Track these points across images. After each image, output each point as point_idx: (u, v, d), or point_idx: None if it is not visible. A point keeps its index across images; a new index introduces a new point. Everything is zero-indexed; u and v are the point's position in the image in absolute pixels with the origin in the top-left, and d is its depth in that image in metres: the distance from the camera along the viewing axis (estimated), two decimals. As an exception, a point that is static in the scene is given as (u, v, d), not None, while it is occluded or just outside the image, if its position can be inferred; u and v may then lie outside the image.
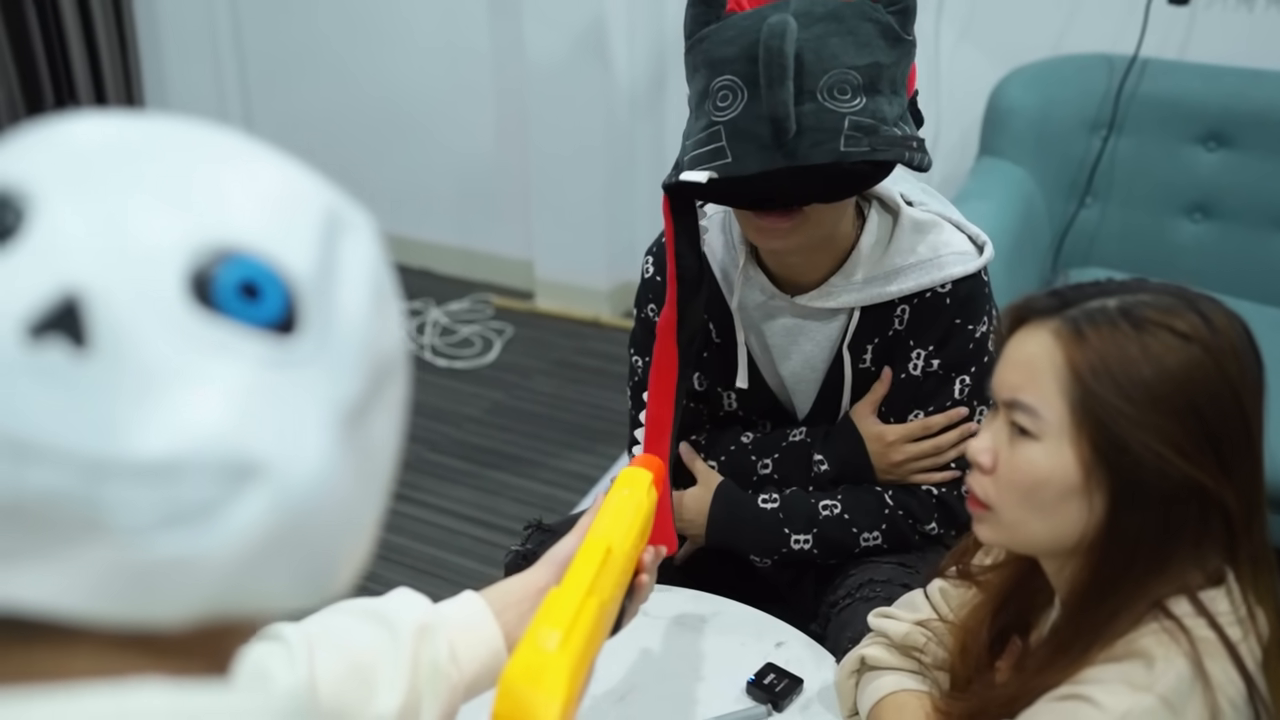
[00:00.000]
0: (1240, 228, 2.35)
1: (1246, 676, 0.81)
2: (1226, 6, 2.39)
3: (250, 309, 0.42)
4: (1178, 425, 0.80)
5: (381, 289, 0.47)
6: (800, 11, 1.07)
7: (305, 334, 0.43)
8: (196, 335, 0.40)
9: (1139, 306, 0.82)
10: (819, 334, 1.30)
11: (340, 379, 0.44)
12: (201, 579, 0.41)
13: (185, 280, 0.41)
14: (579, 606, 0.73)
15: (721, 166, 1.08)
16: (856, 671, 1.08)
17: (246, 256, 0.42)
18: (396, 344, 0.48)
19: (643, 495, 0.91)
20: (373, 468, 0.47)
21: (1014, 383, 0.85)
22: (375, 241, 0.48)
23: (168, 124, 0.46)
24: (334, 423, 0.43)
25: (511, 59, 3.13)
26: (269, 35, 3.47)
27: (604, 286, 3.20)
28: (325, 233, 0.45)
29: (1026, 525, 0.86)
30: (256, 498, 0.41)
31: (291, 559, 0.43)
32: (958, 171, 2.61)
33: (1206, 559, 0.83)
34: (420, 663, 0.82)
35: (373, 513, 0.48)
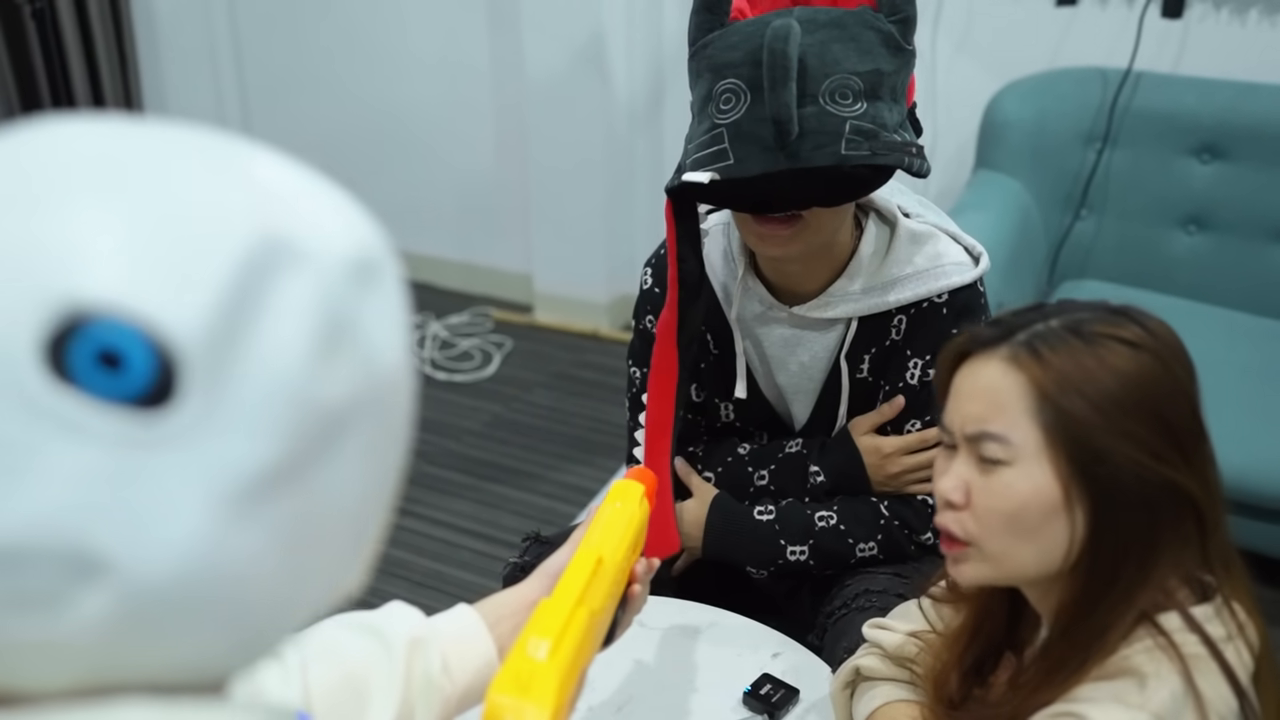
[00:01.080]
0: (1234, 239, 2.36)
1: (1239, 690, 0.81)
2: (1219, 20, 2.40)
3: (109, 382, 0.37)
4: (1145, 428, 0.82)
5: (335, 331, 0.41)
6: (804, 18, 1.09)
7: (184, 404, 0.38)
8: (46, 411, 0.37)
9: (1083, 323, 0.85)
10: (816, 344, 1.30)
11: (241, 445, 0.39)
12: (65, 658, 0.39)
13: (38, 349, 0.36)
14: (569, 617, 0.74)
15: (724, 168, 1.09)
16: (851, 682, 1.08)
17: (109, 319, 0.37)
18: (357, 391, 0.42)
19: (635, 507, 0.92)
20: (320, 525, 0.43)
21: (976, 415, 0.86)
22: (335, 275, 0.42)
23: (52, 135, 0.41)
24: (224, 497, 0.39)
25: (511, 74, 3.14)
26: (269, 51, 3.48)
27: (603, 300, 3.21)
28: (243, 275, 0.39)
29: (1013, 554, 0.86)
30: (100, 592, 0.38)
31: (181, 633, 0.40)
32: (954, 184, 2.62)
33: (1185, 562, 0.84)
34: (413, 675, 0.82)
35: (331, 564, 0.45)
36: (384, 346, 0.43)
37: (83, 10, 3.25)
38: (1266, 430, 1.99)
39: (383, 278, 0.44)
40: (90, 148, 0.40)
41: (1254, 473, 1.94)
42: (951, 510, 0.88)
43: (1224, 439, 2.04)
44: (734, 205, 1.18)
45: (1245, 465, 1.94)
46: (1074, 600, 0.86)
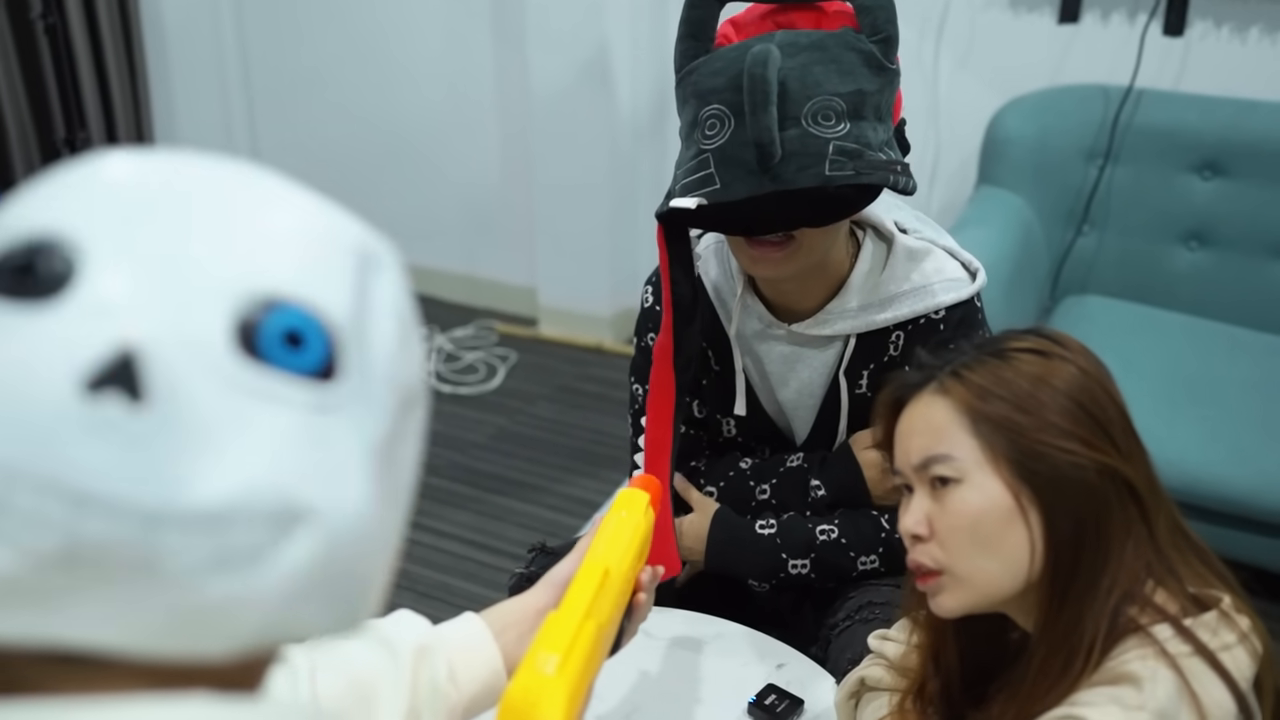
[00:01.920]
0: (1235, 255, 2.37)
1: (1238, 695, 0.83)
2: (1220, 38, 2.42)
3: (294, 357, 0.43)
4: (1071, 421, 0.88)
5: (405, 321, 0.49)
6: (784, 42, 1.10)
7: (344, 378, 0.44)
8: (245, 386, 0.42)
9: (995, 344, 0.93)
10: (815, 361, 1.32)
11: (373, 417, 0.45)
12: (249, 617, 0.42)
13: (232, 331, 0.42)
14: (577, 629, 0.75)
15: (710, 193, 1.10)
16: (856, 693, 1.10)
17: (289, 305, 0.43)
18: (418, 373, 0.50)
19: (640, 516, 0.93)
20: (398, 494, 0.49)
21: (920, 444, 0.92)
22: (400, 274, 0.49)
23: (194, 163, 0.46)
24: (370, 459, 0.45)
25: (516, 89, 3.17)
26: (276, 66, 3.51)
27: (606, 313, 3.22)
28: (358, 273, 0.46)
29: (982, 570, 0.90)
30: (303, 541, 0.42)
31: (331, 592, 0.44)
32: (956, 200, 2.64)
33: (1140, 543, 0.88)
34: (419, 683, 0.83)
35: (397, 537, 0.50)
36: (420, 338, 0.51)
37: (94, 24, 3.28)
38: (1269, 445, 2.00)
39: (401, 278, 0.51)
40: (245, 169, 0.47)
41: (1257, 488, 1.95)
42: (919, 544, 0.92)
43: (1226, 454, 2.07)
44: (723, 229, 1.20)
45: (1248, 480, 1.95)
46: (1047, 601, 0.89)
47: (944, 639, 1.00)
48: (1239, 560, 0.93)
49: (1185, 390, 2.12)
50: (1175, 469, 1.91)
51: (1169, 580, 0.88)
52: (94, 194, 0.44)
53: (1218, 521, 1.99)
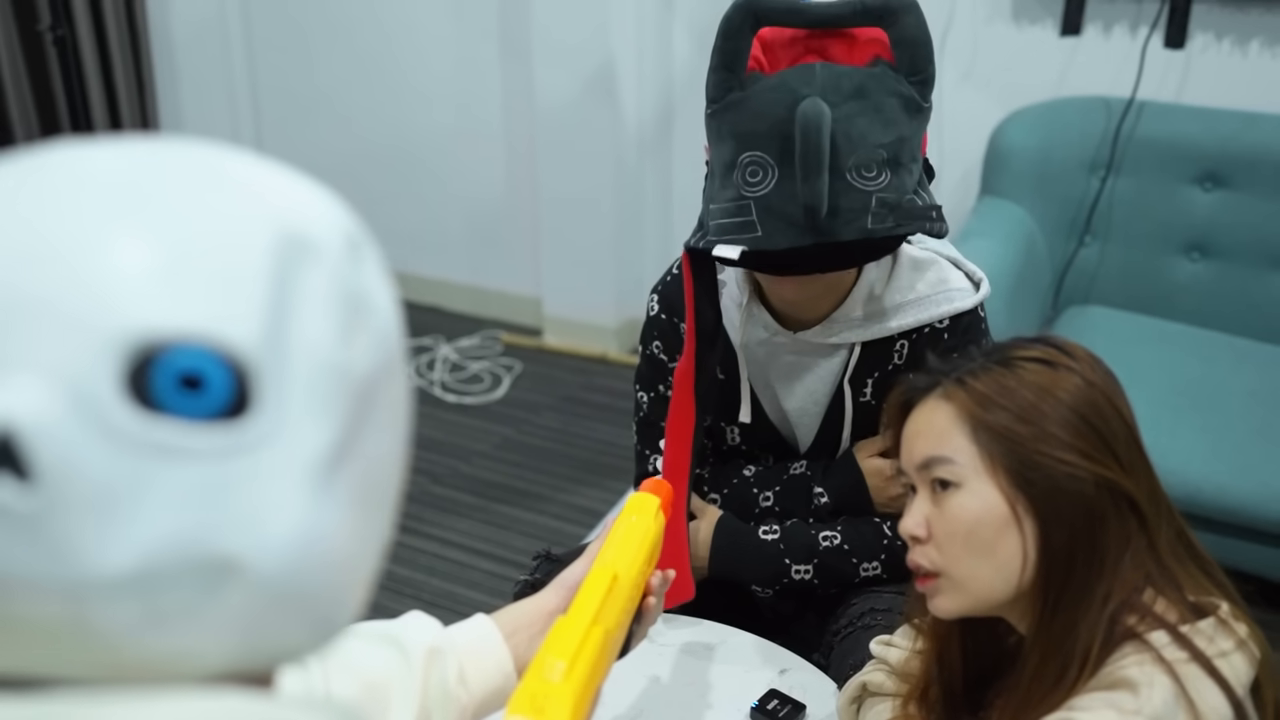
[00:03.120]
0: (1237, 267, 2.38)
1: (1234, 701, 0.83)
2: (1221, 50, 2.44)
3: (193, 402, 0.39)
4: (1071, 433, 0.88)
5: (351, 307, 0.44)
6: (827, 86, 1.09)
7: (260, 410, 0.41)
8: (141, 443, 0.39)
9: (1001, 352, 0.94)
10: (821, 369, 1.33)
11: (311, 432, 0.42)
12: (206, 659, 0.42)
13: (121, 385, 0.39)
14: (584, 635, 0.75)
15: (751, 240, 1.12)
16: (858, 698, 1.10)
17: (181, 345, 0.39)
18: (377, 356, 0.45)
19: (650, 520, 0.94)
20: (372, 486, 0.46)
21: (923, 446, 0.93)
22: (340, 256, 0.44)
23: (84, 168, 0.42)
24: (311, 479, 0.42)
25: (521, 101, 3.19)
26: (283, 77, 3.53)
27: (611, 323, 3.24)
28: (275, 279, 0.42)
29: (977, 574, 0.91)
30: (235, 589, 0.41)
31: (293, 617, 0.43)
32: (959, 211, 2.65)
33: (1138, 554, 0.88)
34: (430, 685, 0.84)
35: (382, 522, 0.48)
36: (384, 308, 0.46)
37: (102, 37, 3.31)
38: (1271, 456, 2.00)
39: (365, 245, 0.47)
40: (102, 175, 0.41)
41: (1259, 498, 1.96)
42: (918, 545, 0.94)
43: (1228, 464, 2.08)
44: (758, 269, 1.19)
45: (1250, 491, 1.96)
46: (1040, 606, 0.90)
47: (948, 642, 1.01)
48: (1241, 570, 0.94)
49: (1187, 401, 2.12)
50: (1177, 479, 1.92)
51: (1169, 590, 0.88)
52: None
53: (1220, 531, 2.00)
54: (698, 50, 2.97)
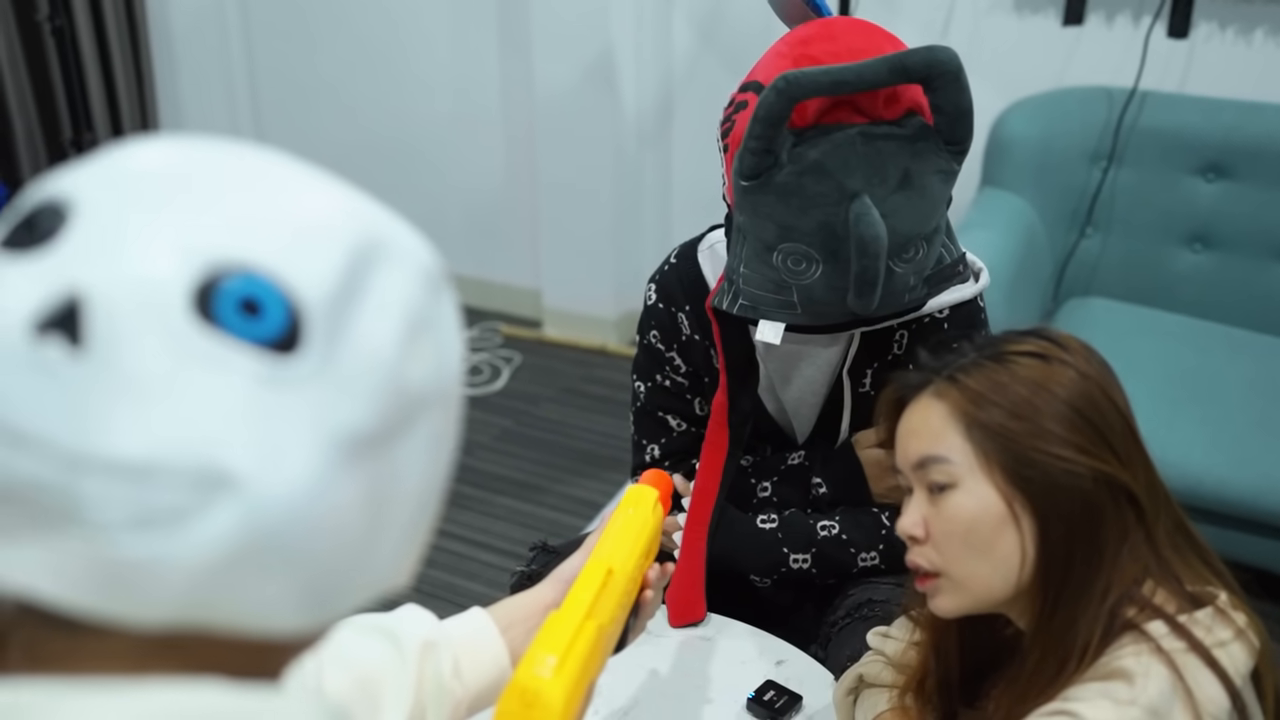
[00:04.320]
0: (1239, 258, 2.37)
1: (1232, 691, 0.83)
2: (1225, 40, 2.42)
3: (249, 325, 0.42)
4: (1067, 428, 0.87)
5: (417, 325, 0.47)
6: (873, 178, 1.06)
7: (306, 354, 0.43)
8: (192, 346, 0.41)
9: (994, 346, 0.92)
10: (819, 359, 1.32)
11: (346, 403, 0.44)
12: (171, 583, 0.42)
13: (189, 293, 0.42)
14: (576, 630, 0.74)
15: (792, 317, 1.14)
16: (855, 689, 1.10)
17: (253, 274, 0.43)
18: (431, 381, 0.48)
19: (648, 513, 0.93)
20: (392, 500, 0.47)
21: (917, 446, 0.92)
22: (419, 279, 0.48)
23: (226, 151, 0.47)
24: (331, 445, 0.44)
25: (521, 91, 3.18)
26: (282, 68, 3.52)
27: (611, 315, 3.23)
28: (353, 261, 0.46)
29: (977, 574, 0.90)
30: (226, 510, 0.41)
31: (273, 575, 0.43)
32: (960, 202, 2.63)
33: (1136, 547, 0.88)
34: (424, 678, 0.83)
35: (393, 545, 0.48)
36: (453, 347, 0.50)
37: (101, 28, 3.30)
38: (1271, 448, 1.99)
39: (448, 291, 0.51)
40: (276, 160, 0.48)
41: (1259, 490, 1.95)
42: (916, 545, 0.93)
43: (1228, 456, 2.07)
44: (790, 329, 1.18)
45: (1250, 482, 1.95)
46: (1039, 602, 0.89)
47: (945, 634, 1.00)
48: (1240, 562, 0.93)
49: (1188, 392, 2.12)
50: (1177, 471, 1.91)
51: (1167, 580, 0.88)
52: (111, 170, 0.46)
53: (1219, 523, 1.99)
54: (698, 39, 2.96)
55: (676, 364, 1.37)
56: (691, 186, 3.07)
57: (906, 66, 1.04)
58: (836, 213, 1.06)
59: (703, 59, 2.97)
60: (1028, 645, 0.91)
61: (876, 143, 1.06)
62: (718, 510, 1.31)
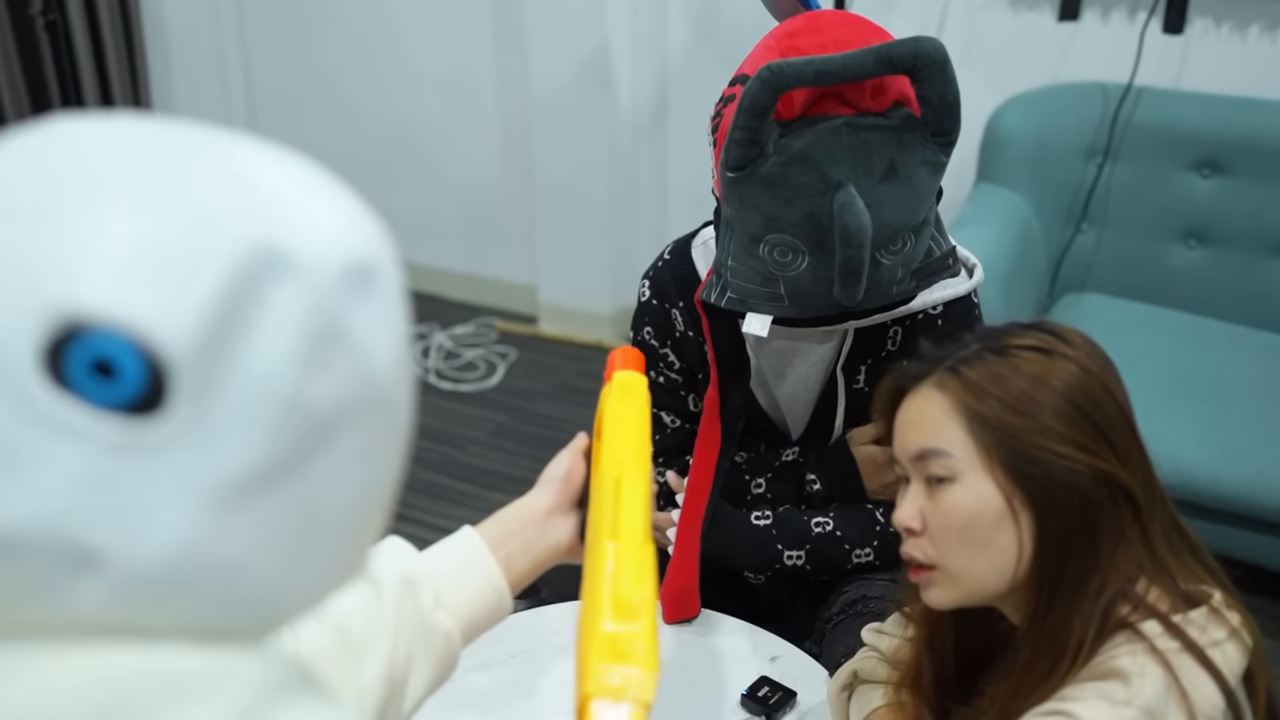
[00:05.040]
0: (1234, 254, 2.37)
1: (1226, 691, 0.83)
2: (1220, 36, 2.42)
3: (103, 389, 0.39)
4: (1067, 424, 0.86)
5: (324, 338, 0.43)
6: (858, 169, 1.05)
7: (173, 411, 0.40)
8: (44, 414, 0.39)
9: (997, 339, 0.91)
10: (813, 355, 1.32)
11: (231, 446, 0.41)
12: (68, 628, 0.41)
13: (38, 354, 0.38)
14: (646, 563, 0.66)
15: (779, 309, 1.13)
16: (849, 685, 1.10)
17: (104, 330, 0.39)
18: (347, 393, 0.44)
19: (643, 403, 0.84)
20: (317, 517, 0.45)
21: (917, 438, 0.91)
22: (326, 286, 0.43)
23: (50, 139, 0.42)
24: (213, 495, 0.41)
25: (516, 87, 3.17)
26: (277, 64, 3.51)
27: (606, 311, 3.23)
28: (233, 285, 0.40)
29: (971, 569, 0.90)
30: (93, 585, 0.40)
31: (177, 614, 0.42)
32: (955, 197, 2.64)
33: (1132, 545, 0.87)
34: (401, 619, 0.79)
35: (330, 554, 0.46)
36: (378, 350, 0.45)
37: (94, 22, 3.29)
38: (1266, 443, 1.99)
39: (379, 282, 0.46)
40: (89, 151, 0.41)
41: (1254, 485, 1.95)
42: (912, 537, 0.92)
43: (1224, 453, 2.07)
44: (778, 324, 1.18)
45: (1245, 478, 1.95)
46: (1034, 599, 0.89)
47: (939, 628, 1.00)
48: (1234, 558, 0.93)
49: (1183, 388, 2.12)
50: (1172, 466, 1.92)
51: (1162, 579, 0.87)
52: None
53: (1214, 519, 1.99)
54: (693, 34, 2.96)
55: (670, 360, 1.36)
56: (687, 182, 3.07)
57: (892, 57, 1.04)
58: (821, 203, 1.06)
59: (698, 54, 2.96)
60: (1020, 640, 0.91)
61: (862, 133, 1.05)
62: (711, 506, 1.31)
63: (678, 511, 1.33)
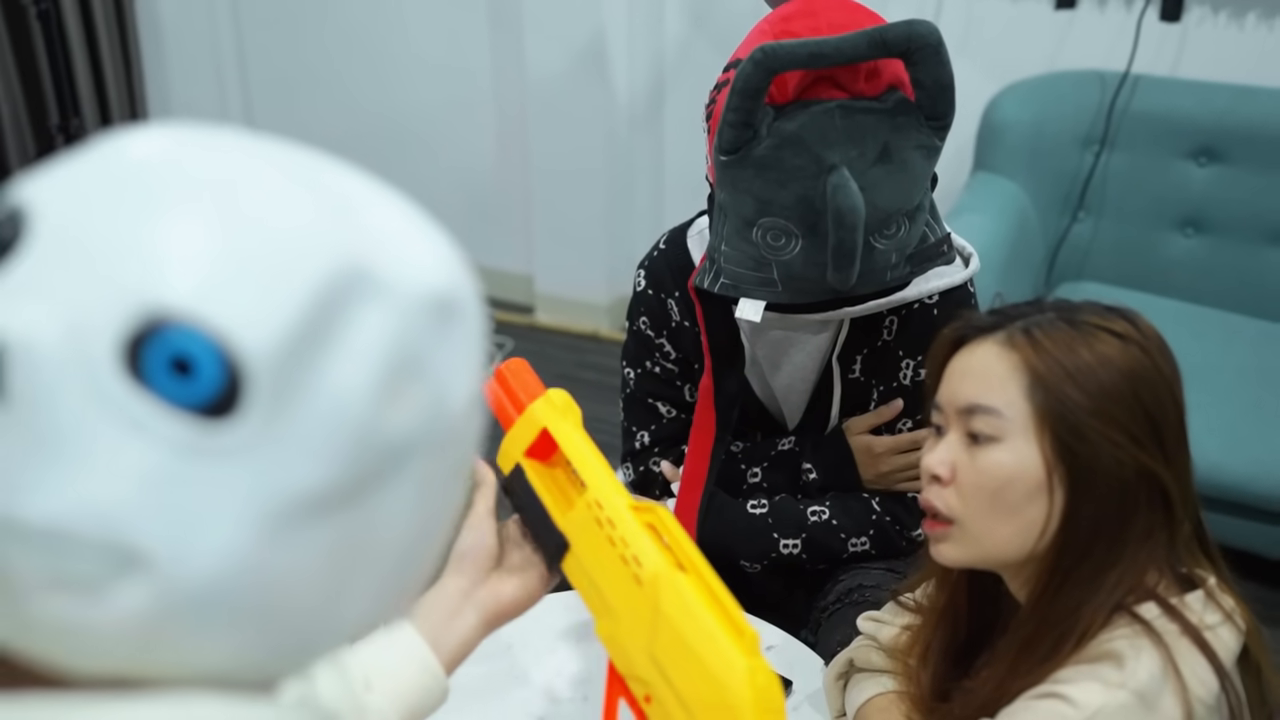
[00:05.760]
0: (1231, 242, 2.37)
1: (1221, 674, 0.83)
2: (1218, 23, 2.41)
3: (179, 387, 0.38)
4: (1128, 415, 0.85)
5: (404, 368, 0.42)
6: (851, 152, 1.05)
7: (246, 419, 0.39)
8: (117, 407, 0.38)
9: (1074, 312, 0.90)
10: (809, 345, 1.32)
11: (299, 464, 0.40)
12: (108, 643, 0.40)
13: (119, 346, 0.38)
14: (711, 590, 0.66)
15: (772, 294, 1.12)
16: (845, 673, 1.10)
17: (186, 327, 0.38)
18: (421, 427, 0.43)
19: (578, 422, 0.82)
20: (366, 553, 0.43)
21: (971, 390, 0.89)
22: (411, 313, 0.43)
23: (211, 149, 0.43)
24: (273, 512, 0.40)
25: (512, 75, 3.16)
26: (271, 52, 3.50)
27: (603, 301, 3.22)
28: (320, 302, 0.40)
29: (993, 533, 0.89)
30: (137, 587, 0.39)
31: (212, 638, 0.41)
32: (952, 186, 2.63)
33: (1156, 548, 0.87)
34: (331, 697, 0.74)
35: (368, 595, 0.45)
36: (454, 387, 0.44)
37: (88, 12, 3.27)
38: (1263, 432, 2.00)
39: (462, 318, 0.45)
40: (190, 155, 0.42)
41: (1251, 474, 1.95)
42: (937, 485, 0.91)
43: (1221, 441, 2.07)
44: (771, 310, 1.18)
45: (1242, 467, 1.95)
46: (1046, 577, 0.88)
47: (956, 594, 0.99)
48: (1230, 545, 0.93)
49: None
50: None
51: (1169, 572, 0.87)
52: (82, 169, 0.42)
53: (1210, 507, 1.95)
54: (690, 22, 2.95)
55: (666, 350, 1.36)
56: (684, 171, 3.06)
57: (886, 40, 1.03)
58: (814, 186, 1.06)
59: (695, 42, 2.95)
60: (1024, 618, 0.90)
61: (856, 116, 1.05)
62: (707, 496, 1.31)
63: (673, 501, 1.33)
